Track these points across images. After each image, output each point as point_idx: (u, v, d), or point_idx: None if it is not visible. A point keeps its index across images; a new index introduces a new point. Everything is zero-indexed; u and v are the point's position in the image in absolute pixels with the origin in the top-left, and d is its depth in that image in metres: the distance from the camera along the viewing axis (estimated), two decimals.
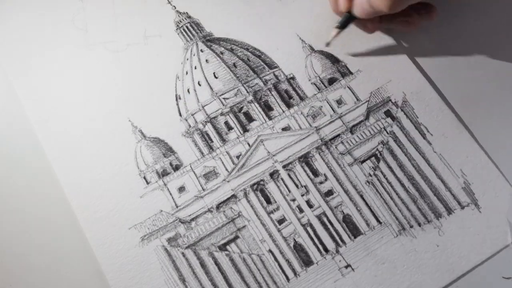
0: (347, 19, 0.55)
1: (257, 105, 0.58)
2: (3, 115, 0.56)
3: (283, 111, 0.57)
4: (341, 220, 0.53)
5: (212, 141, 0.56)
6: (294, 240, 0.52)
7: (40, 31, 0.59)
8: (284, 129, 0.57)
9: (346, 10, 0.54)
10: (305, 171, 0.55)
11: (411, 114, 0.55)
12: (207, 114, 0.57)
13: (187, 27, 0.61)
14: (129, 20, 0.60)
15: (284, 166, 0.55)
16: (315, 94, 0.58)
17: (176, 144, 0.55)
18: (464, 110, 0.56)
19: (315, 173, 0.55)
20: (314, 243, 0.52)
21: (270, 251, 0.51)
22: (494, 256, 0.50)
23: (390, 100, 0.56)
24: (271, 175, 0.55)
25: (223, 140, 0.56)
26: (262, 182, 0.54)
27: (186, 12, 0.61)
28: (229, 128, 0.57)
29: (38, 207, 0.52)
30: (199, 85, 0.59)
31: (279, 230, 0.52)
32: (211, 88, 0.59)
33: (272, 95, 0.58)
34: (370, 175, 0.54)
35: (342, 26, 0.55)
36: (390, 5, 0.50)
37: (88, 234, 0.50)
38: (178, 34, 0.60)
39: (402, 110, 0.56)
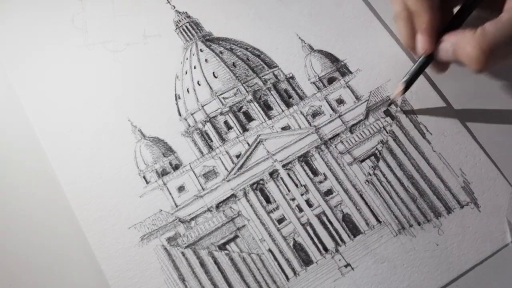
0: (423, 64, 0.44)
1: (256, 105, 0.58)
2: (3, 115, 0.56)
3: (283, 111, 0.57)
4: (341, 220, 0.53)
5: (212, 141, 0.56)
6: (294, 239, 0.52)
7: (40, 31, 0.60)
8: (283, 128, 0.57)
9: (428, 52, 0.44)
10: (304, 170, 0.55)
11: (410, 113, 0.55)
12: (206, 114, 0.57)
13: (186, 26, 0.61)
14: (128, 19, 0.60)
15: (283, 166, 0.55)
16: (315, 94, 0.58)
17: (176, 143, 0.55)
18: (464, 109, 0.56)
19: (315, 172, 0.55)
20: (314, 243, 0.52)
21: (269, 250, 0.51)
22: (494, 255, 0.50)
23: (390, 99, 0.56)
24: (271, 174, 0.55)
25: (223, 140, 0.56)
26: (261, 182, 0.54)
27: (186, 12, 0.61)
28: (229, 127, 0.57)
29: (38, 207, 0.52)
30: (199, 84, 0.59)
31: (278, 230, 0.52)
32: (210, 87, 0.59)
33: (272, 94, 0.58)
34: (370, 175, 0.54)
35: (411, 81, 0.45)
36: (480, 68, 0.43)
37: (88, 234, 0.50)
38: (177, 33, 0.60)
39: (401, 109, 0.56)
